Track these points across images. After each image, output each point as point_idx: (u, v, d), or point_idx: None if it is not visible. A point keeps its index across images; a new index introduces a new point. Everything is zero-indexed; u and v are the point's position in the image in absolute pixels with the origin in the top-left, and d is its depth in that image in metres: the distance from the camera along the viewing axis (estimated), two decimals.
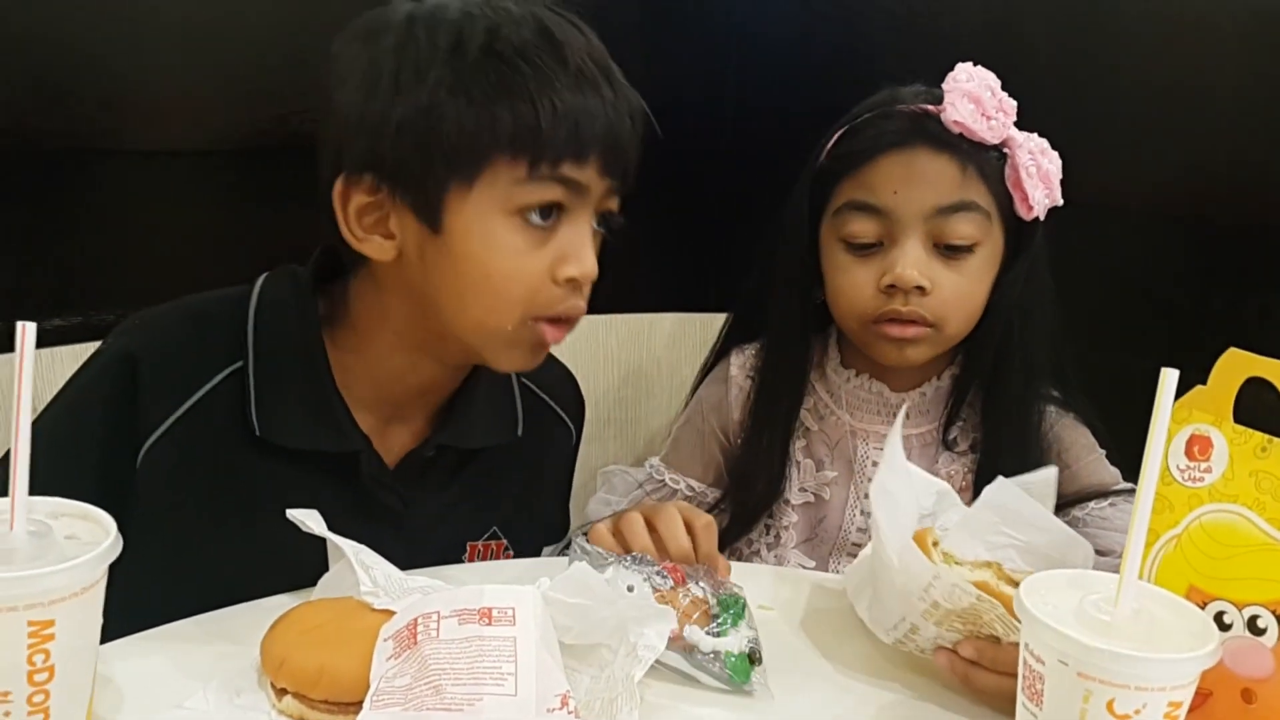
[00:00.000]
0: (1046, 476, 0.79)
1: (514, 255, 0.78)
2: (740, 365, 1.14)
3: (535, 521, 1.00)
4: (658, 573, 0.76)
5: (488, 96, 0.75)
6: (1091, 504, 1.02)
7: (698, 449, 1.14)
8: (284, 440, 0.82)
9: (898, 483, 0.77)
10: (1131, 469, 0.58)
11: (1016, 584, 0.67)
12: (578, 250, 0.80)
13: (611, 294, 1.37)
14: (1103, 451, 1.07)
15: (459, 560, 0.92)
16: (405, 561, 0.75)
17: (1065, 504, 0.86)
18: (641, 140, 0.82)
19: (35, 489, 0.55)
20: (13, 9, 1.10)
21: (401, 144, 0.76)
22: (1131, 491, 0.98)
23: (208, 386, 0.81)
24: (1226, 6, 1.24)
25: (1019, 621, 0.61)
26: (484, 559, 0.93)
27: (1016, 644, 0.62)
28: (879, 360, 1.07)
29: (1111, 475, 1.06)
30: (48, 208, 1.17)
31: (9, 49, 1.11)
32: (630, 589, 0.74)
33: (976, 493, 0.86)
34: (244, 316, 0.83)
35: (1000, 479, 0.78)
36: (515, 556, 0.95)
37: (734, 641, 0.72)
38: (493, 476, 0.92)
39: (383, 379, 0.86)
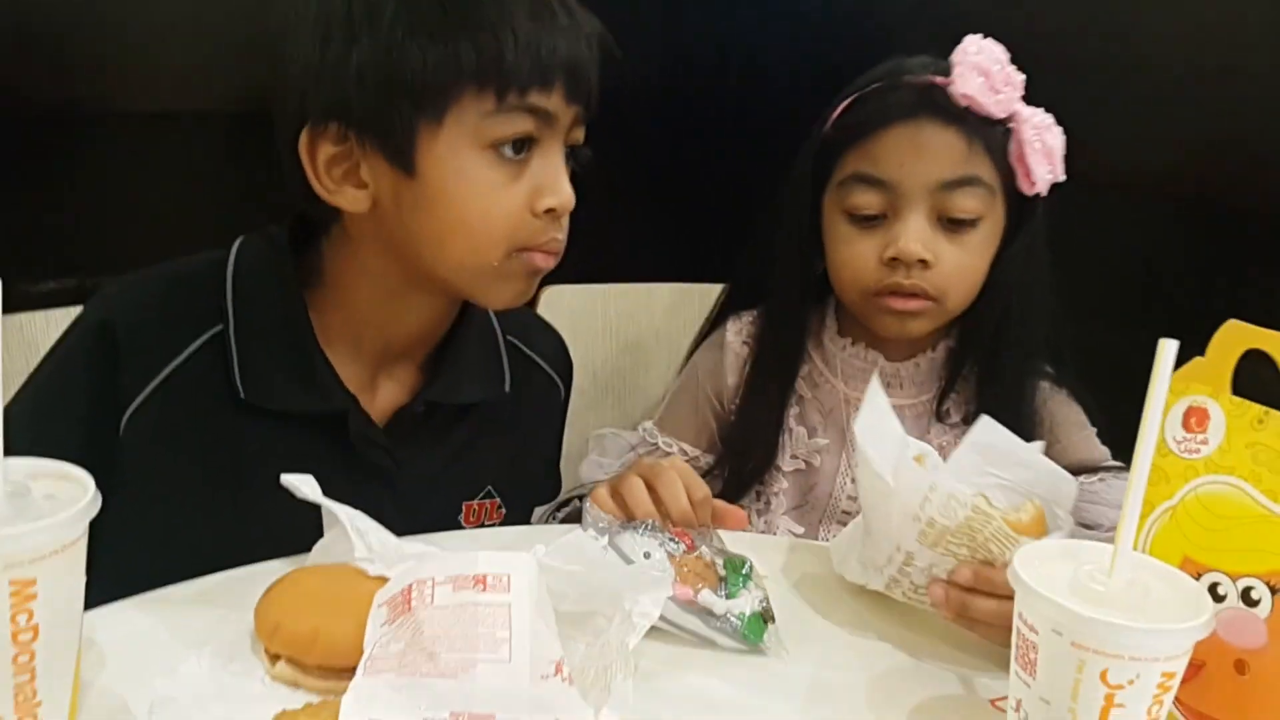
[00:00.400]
0: (1034, 447, 0.79)
1: (490, 190, 0.78)
2: (736, 332, 1.14)
3: (527, 480, 1.00)
4: (670, 539, 0.76)
5: (447, 30, 0.74)
6: (1081, 478, 1.02)
7: (692, 413, 1.14)
8: (269, 403, 0.81)
9: (881, 419, 0.77)
10: (1128, 444, 0.58)
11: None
12: (553, 181, 0.80)
13: (610, 263, 1.38)
14: (1094, 429, 1.08)
15: (455, 520, 0.92)
16: (401, 523, 0.76)
17: None
18: (599, 65, 0.81)
19: None
20: None
21: (365, 88, 0.75)
22: (1121, 468, 1.01)
23: (188, 351, 0.81)
24: None
25: (1016, 536, 0.62)
26: (479, 519, 0.93)
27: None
28: (879, 332, 1.07)
29: (1101, 453, 1.06)
30: (42, 170, 1.17)
31: (1, 12, 1.10)
32: (647, 555, 0.75)
33: None
34: (222, 280, 0.82)
35: (985, 416, 0.78)
36: (507, 516, 0.95)
37: (746, 603, 0.73)
38: (484, 435, 0.93)
39: (364, 335, 0.85)
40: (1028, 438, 0.79)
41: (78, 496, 0.55)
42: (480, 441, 0.92)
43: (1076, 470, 1.01)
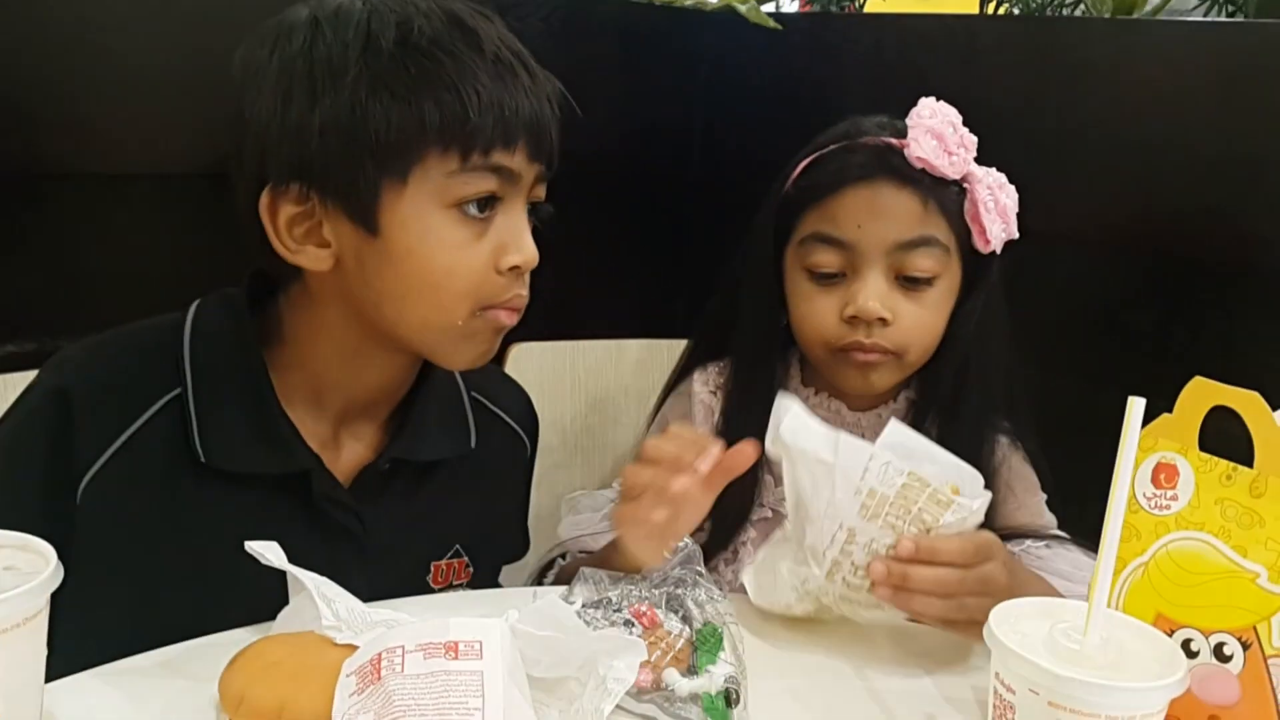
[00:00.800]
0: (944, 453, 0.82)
1: (454, 249, 0.77)
2: (704, 383, 1.14)
3: (495, 539, 0.99)
4: (625, 621, 0.75)
5: (410, 90, 0.74)
6: (1029, 542, 1.04)
7: None
8: (230, 465, 0.80)
9: (803, 422, 0.82)
10: (1092, 497, 0.58)
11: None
12: (517, 238, 0.79)
13: (577, 320, 1.38)
14: (1044, 495, 1.10)
15: (424, 581, 0.90)
16: (369, 584, 0.74)
17: (1003, 538, 0.89)
18: (560, 124, 0.82)
19: None
20: None
21: (327, 148, 0.75)
22: (1065, 538, 1.05)
23: (145, 416, 0.79)
24: (1184, 45, 1.27)
25: (950, 498, 0.74)
26: (447, 580, 0.92)
27: (948, 533, 0.76)
28: (843, 386, 1.08)
29: (1049, 519, 1.09)
30: (2, 232, 1.15)
31: None
32: None
33: None
34: (179, 342, 0.81)
35: (893, 420, 0.82)
36: (475, 575, 0.94)
37: (711, 681, 0.71)
38: (450, 493, 0.91)
39: (325, 392, 0.84)
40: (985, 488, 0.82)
41: (39, 567, 0.54)
42: (447, 500, 0.91)
43: (1024, 534, 1.04)
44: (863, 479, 0.77)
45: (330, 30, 0.76)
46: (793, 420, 0.82)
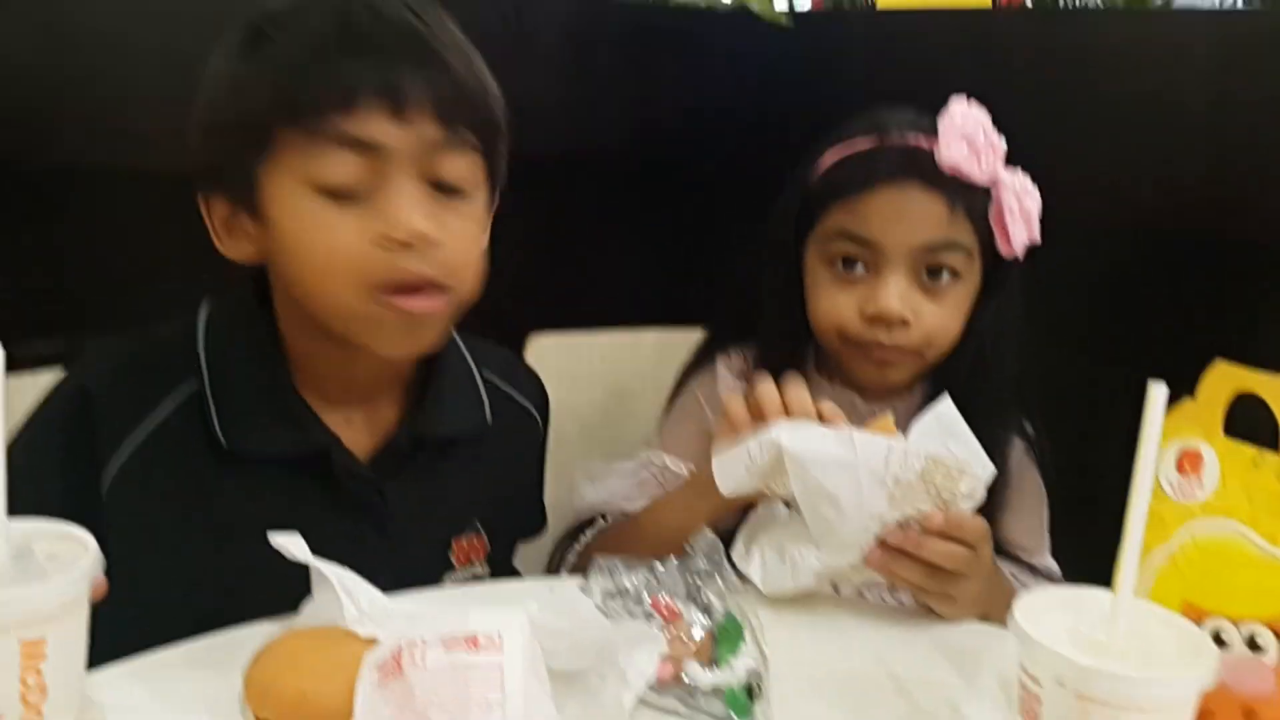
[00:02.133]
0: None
1: (326, 229, 0.76)
2: (728, 366, 1.15)
3: (512, 516, 1.00)
4: (645, 613, 0.74)
5: (256, 71, 0.76)
6: (1007, 564, 1.05)
7: (696, 435, 1.14)
8: (251, 449, 0.81)
9: (801, 427, 0.84)
10: (1111, 484, 0.58)
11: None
12: (395, 210, 0.76)
13: (594, 311, 1.38)
14: (1046, 521, 1.10)
15: (445, 558, 0.91)
16: (394, 565, 0.75)
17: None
18: (467, 87, 0.79)
19: None
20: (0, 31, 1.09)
21: (209, 145, 0.79)
22: (1035, 570, 1.07)
23: (165, 409, 0.81)
24: (1199, 32, 1.26)
25: (962, 469, 0.77)
26: (467, 557, 0.93)
27: (966, 505, 0.80)
28: (859, 378, 1.08)
29: (1044, 542, 1.10)
30: (31, 230, 1.16)
31: None
32: None
33: None
34: (193, 337, 0.84)
35: (946, 396, 0.84)
36: (492, 552, 0.94)
37: (733, 674, 0.70)
38: (468, 470, 0.92)
39: (333, 376, 0.85)
40: (994, 487, 0.84)
41: (78, 555, 0.55)
42: (464, 477, 0.92)
43: (1006, 552, 1.05)
44: (886, 470, 0.79)
45: (228, 35, 0.79)
46: (790, 430, 0.83)
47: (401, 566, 0.79)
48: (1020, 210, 1.00)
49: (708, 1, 1.74)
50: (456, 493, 0.92)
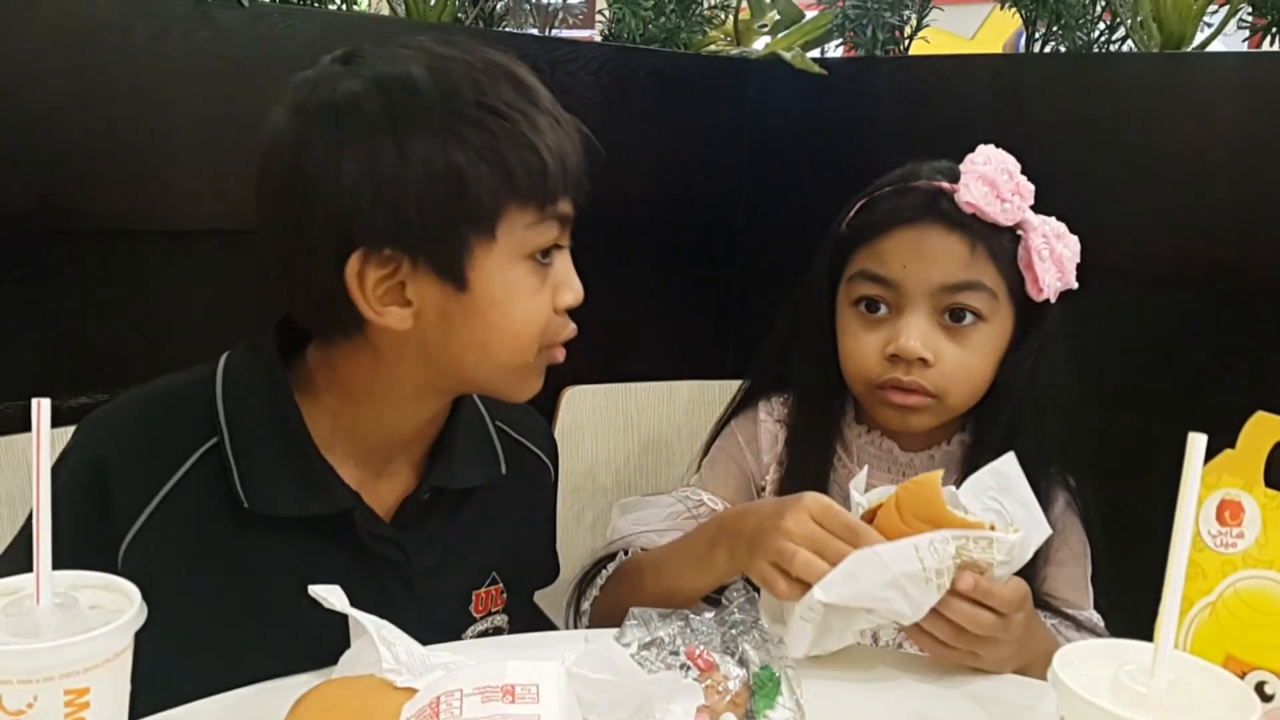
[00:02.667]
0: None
1: (531, 296, 0.81)
2: (769, 412, 1.16)
3: (527, 565, 1.01)
4: (681, 665, 0.74)
5: (495, 150, 0.77)
6: (1056, 620, 1.03)
7: (736, 473, 1.15)
8: (273, 509, 0.81)
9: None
10: (1148, 534, 0.57)
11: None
12: (569, 279, 0.84)
13: (629, 364, 1.39)
14: (1090, 569, 1.08)
15: (466, 611, 0.92)
16: (418, 618, 0.75)
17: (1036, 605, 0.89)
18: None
19: None
20: (40, 90, 1.13)
21: (425, 212, 0.76)
22: (1098, 626, 1.04)
23: (184, 469, 0.80)
24: (1235, 77, 1.26)
25: (991, 536, 0.77)
26: (487, 607, 0.93)
27: (1000, 575, 0.80)
28: (882, 424, 1.09)
29: (1088, 597, 1.07)
30: (74, 288, 1.19)
31: (38, 130, 1.13)
32: None
33: None
34: (211, 394, 0.82)
35: (1011, 454, 0.85)
36: (508, 601, 0.95)
37: None
38: (485, 520, 0.93)
39: (370, 435, 0.86)
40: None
41: (123, 606, 0.56)
42: (481, 527, 0.93)
43: (1057, 611, 1.03)
44: (923, 568, 0.78)
45: (403, 94, 0.76)
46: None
47: (425, 619, 0.79)
48: (1052, 254, 1.00)
49: (740, 50, 1.76)
50: (475, 543, 0.93)
